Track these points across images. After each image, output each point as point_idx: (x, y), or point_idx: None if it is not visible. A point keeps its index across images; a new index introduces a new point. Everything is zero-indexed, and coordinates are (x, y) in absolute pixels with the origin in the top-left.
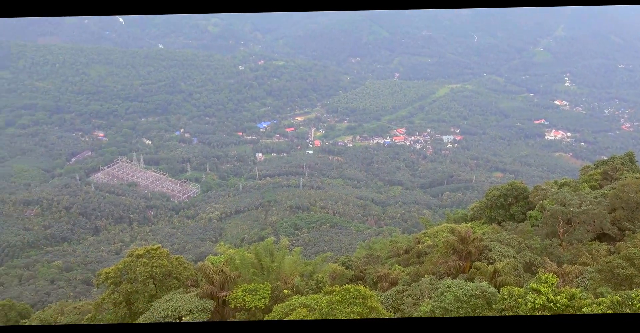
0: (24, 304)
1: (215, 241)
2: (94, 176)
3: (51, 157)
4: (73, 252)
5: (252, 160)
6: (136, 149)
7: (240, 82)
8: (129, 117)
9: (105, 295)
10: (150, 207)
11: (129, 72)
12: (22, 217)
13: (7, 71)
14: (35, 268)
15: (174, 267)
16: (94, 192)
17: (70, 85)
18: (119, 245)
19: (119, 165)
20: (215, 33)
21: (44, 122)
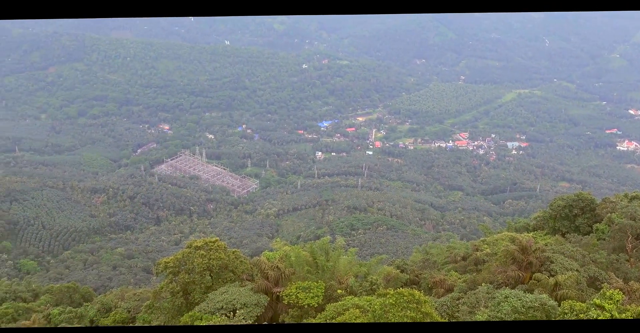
0: (87, 287)
1: (271, 237)
2: (158, 167)
3: (118, 148)
4: (135, 240)
5: (312, 158)
6: (199, 143)
7: (303, 81)
8: (194, 112)
9: (163, 284)
10: (210, 201)
11: (195, 67)
12: (89, 204)
13: (81, 63)
14: (99, 253)
15: (230, 260)
16: (157, 183)
17: (139, 78)
18: (179, 236)
19: (182, 158)
20: (281, 31)
21: (113, 113)
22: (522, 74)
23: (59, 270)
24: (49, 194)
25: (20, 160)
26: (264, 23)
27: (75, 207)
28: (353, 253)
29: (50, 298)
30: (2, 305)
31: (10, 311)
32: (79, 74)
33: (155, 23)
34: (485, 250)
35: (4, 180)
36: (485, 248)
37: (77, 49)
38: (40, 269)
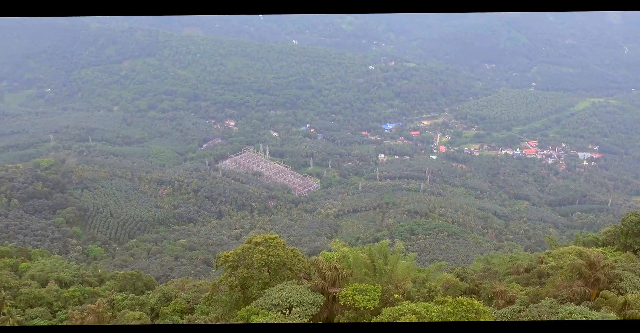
0: (150, 276)
1: (330, 237)
2: (222, 163)
3: (185, 142)
4: (197, 232)
5: (374, 160)
6: (263, 140)
7: (369, 82)
8: (259, 109)
9: (222, 277)
10: (272, 198)
11: (263, 66)
12: (155, 195)
13: (153, 58)
14: (163, 244)
15: (288, 257)
16: (220, 178)
17: (208, 74)
18: (239, 231)
19: (245, 154)
20: (349, 31)
21: (182, 108)
22: (598, 82)
23: (124, 257)
24: (118, 184)
25: (93, 150)
26: (332, 23)
27: (141, 197)
28: (412, 258)
29: (115, 284)
30: (70, 288)
31: (77, 294)
32: (151, 68)
33: (225, 21)
34: (550, 263)
35: (77, 168)
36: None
37: (150, 44)
38: (106, 255)
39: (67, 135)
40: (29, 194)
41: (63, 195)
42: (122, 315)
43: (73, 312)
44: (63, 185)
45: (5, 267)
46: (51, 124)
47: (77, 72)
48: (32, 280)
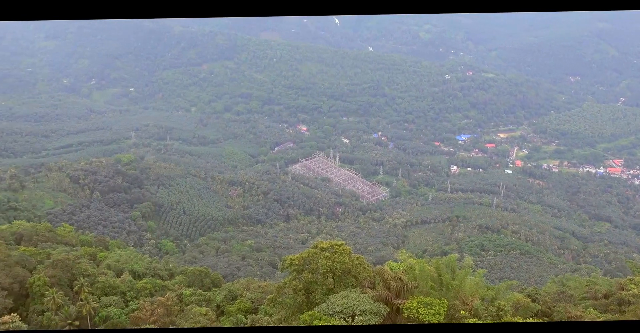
0: (217, 274)
1: (397, 247)
2: (292, 167)
3: (258, 144)
4: (265, 234)
5: (446, 172)
6: (334, 146)
7: (444, 92)
8: (332, 115)
9: (287, 280)
10: (340, 204)
11: (337, 72)
12: (226, 195)
13: (231, 62)
14: (231, 243)
15: (354, 265)
16: (290, 182)
17: (283, 79)
18: (306, 235)
19: (316, 160)
20: (426, 40)
21: (256, 111)
22: None
23: (194, 254)
24: (191, 182)
25: (170, 148)
26: (409, 31)
27: (213, 196)
28: (481, 274)
29: (184, 279)
30: (143, 280)
31: (149, 286)
32: (229, 71)
33: (303, 26)
34: (633, 291)
35: (155, 165)
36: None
37: (229, 48)
38: (177, 251)
39: (147, 133)
40: (109, 188)
41: (140, 190)
42: (189, 309)
43: (144, 302)
44: (141, 181)
45: (85, 256)
46: (133, 121)
47: (159, 73)
48: (108, 270)
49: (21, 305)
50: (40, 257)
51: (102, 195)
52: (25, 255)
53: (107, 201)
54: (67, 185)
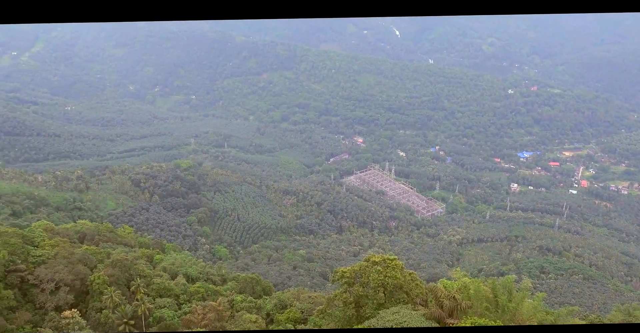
0: (268, 282)
1: (451, 265)
2: (347, 178)
3: (313, 155)
4: (317, 244)
5: (505, 189)
6: (389, 159)
7: (506, 106)
8: (388, 127)
9: (338, 292)
10: (393, 218)
11: (396, 84)
12: (280, 204)
13: (290, 72)
14: (283, 252)
15: (406, 281)
16: (344, 193)
17: (340, 90)
18: (358, 248)
19: (371, 172)
20: (490, 53)
21: (313, 121)
22: None
23: (246, 261)
24: (247, 190)
25: (228, 156)
26: (472, 44)
27: (267, 205)
28: (540, 298)
29: (236, 286)
30: (196, 284)
31: (202, 290)
32: (287, 81)
33: (362, 38)
34: None
35: (212, 171)
36: None
37: (288, 58)
38: (230, 257)
39: (206, 140)
40: (168, 192)
41: (197, 196)
42: (239, 316)
43: (196, 306)
44: (198, 187)
45: (143, 257)
46: (193, 128)
47: (220, 81)
48: (163, 272)
49: (81, 302)
50: (101, 256)
51: (161, 199)
52: (87, 253)
53: (166, 205)
54: (128, 187)
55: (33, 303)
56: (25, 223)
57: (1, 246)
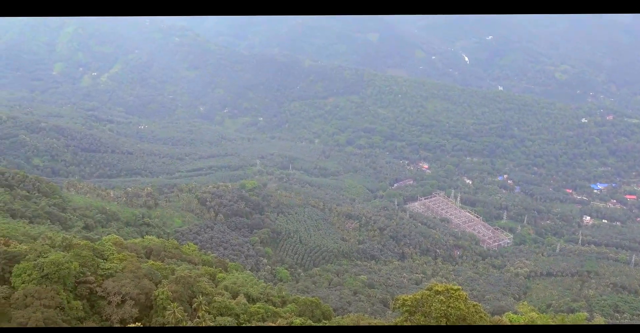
0: (328, 306)
1: (518, 298)
2: (410, 204)
3: (377, 179)
4: (378, 270)
5: (577, 222)
6: (455, 186)
7: (580, 136)
8: (455, 154)
9: (398, 320)
10: (458, 247)
11: (463, 110)
12: (342, 228)
13: (357, 96)
14: (344, 277)
15: (469, 313)
16: (407, 220)
17: (407, 115)
18: (420, 276)
19: (435, 199)
20: (563, 80)
21: (378, 146)
22: None
23: (307, 283)
24: (310, 212)
25: (292, 178)
26: (544, 71)
27: (330, 228)
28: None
29: (295, 308)
30: (256, 304)
31: (261, 311)
32: (353, 105)
33: (431, 63)
34: None
35: (277, 193)
36: None
37: (355, 82)
38: (291, 279)
39: (271, 162)
40: (233, 211)
41: (261, 216)
42: None
43: None
44: (262, 207)
45: (205, 275)
46: (259, 149)
47: (287, 104)
48: (225, 291)
49: (145, 316)
50: (166, 272)
51: (225, 218)
52: (153, 269)
53: (230, 224)
54: (195, 206)
55: (100, 315)
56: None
57: (73, 258)
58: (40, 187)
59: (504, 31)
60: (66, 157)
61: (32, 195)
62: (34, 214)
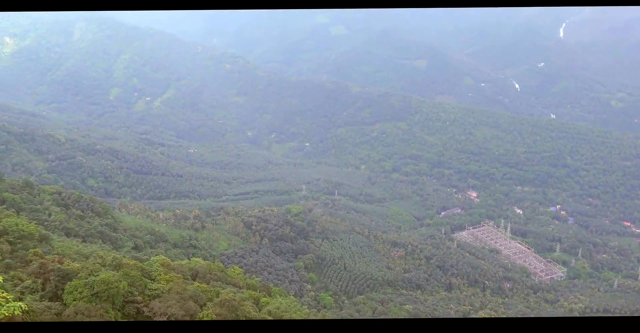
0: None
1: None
2: (458, 234)
3: (424, 207)
4: (424, 301)
5: (637, 257)
6: (505, 216)
7: (638, 166)
8: (505, 183)
9: None
10: (507, 279)
11: (514, 138)
12: (387, 256)
13: (404, 122)
14: (388, 306)
15: None
16: (455, 249)
17: (455, 142)
18: (468, 308)
19: (484, 229)
20: (619, 109)
21: (425, 173)
22: None
23: (351, 311)
24: (355, 239)
25: (337, 203)
26: (599, 99)
27: (375, 255)
28: None
29: None
30: None
31: None
32: (400, 132)
33: (479, 91)
34: None
35: (322, 218)
36: None
37: (402, 109)
38: (335, 306)
39: (317, 187)
40: (278, 236)
41: (306, 241)
42: None
43: None
44: (307, 233)
45: (250, 299)
46: (305, 175)
47: (333, 130)
48: (268, 315)
49: None
50: (211, 295)
51: (270, 243)
52: (198, 291)
53: (275, 249)
54: (240, 229)
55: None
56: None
57: (122, 277)
58: (94, 207)
59: (556, 58)
60: (119, 179)
61: (86, 214)
62: (87, 233)
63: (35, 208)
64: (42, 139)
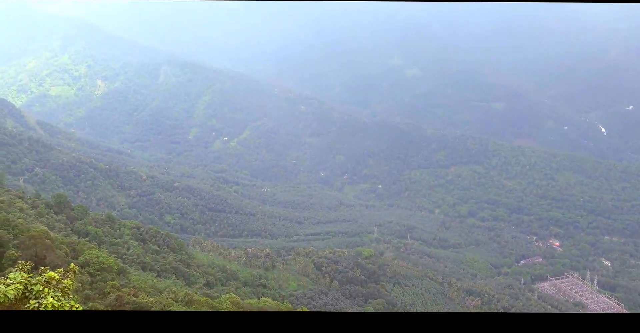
0: None
1: None
2: (539, 284)
3: (501, 255)
4: None
5: None
6: (591, 268)
7: None
8: (591, 232)
9: None
10: None
11: (600, 185)
12: (462, 304)
13: (480, 166)
14: None
15: None
16: (535, 301)
17: (535, 188)
18: None
19: (568, 280)
20: None
21: (502, 219)
22: None
23: None
24: (427, 285)
25: (410, 248)
26: None
27: (449, 303)
28: None
29: None
30: None
31: None
32: (476, 176)
33: (563, 134)
34: None
35: (393, 263)
36: None
37: (479, 152)
38: None
39: (389, 230)
40: (348, 279)
41: (376, 286)
42: None
43: None
44: (378, 277)
45: None
46: (377, 217)
47: (407, 172)
48: None
49: None
50: None
51: (340, 285)
52: None
53: (344, 291)
54: (310, 270)
55: None
56: (215, 294)
57: None
58: (169, 242)
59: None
60: (194, 215)
61: (162, 249)
62: (162, 268)
63: (115, 241)
64: (125, 176)
